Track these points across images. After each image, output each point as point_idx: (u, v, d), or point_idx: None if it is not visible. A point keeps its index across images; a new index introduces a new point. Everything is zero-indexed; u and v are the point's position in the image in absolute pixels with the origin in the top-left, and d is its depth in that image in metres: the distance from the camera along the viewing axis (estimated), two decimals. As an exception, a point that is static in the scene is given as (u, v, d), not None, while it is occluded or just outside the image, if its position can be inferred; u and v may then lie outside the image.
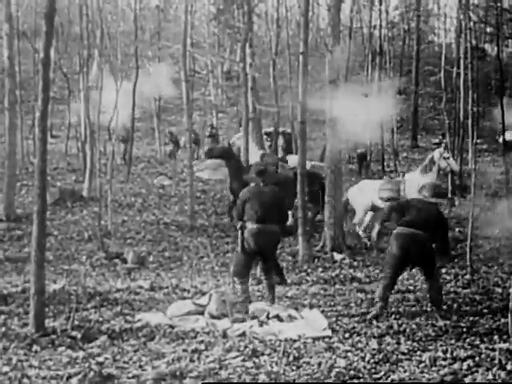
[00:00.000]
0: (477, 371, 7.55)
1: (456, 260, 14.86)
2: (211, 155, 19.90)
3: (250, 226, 10.54)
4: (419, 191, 10.97)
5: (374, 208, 16.72)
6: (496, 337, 8.92)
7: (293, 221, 16.48)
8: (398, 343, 8.72)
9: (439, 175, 17.14)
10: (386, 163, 30.01)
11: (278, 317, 9.99)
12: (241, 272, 10.61)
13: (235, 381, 7.36)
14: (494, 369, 7.57)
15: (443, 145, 18.59)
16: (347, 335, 9.15)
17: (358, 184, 18.03)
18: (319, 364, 7.81)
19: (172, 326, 9.62)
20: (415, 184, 15.87)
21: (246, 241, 10.55)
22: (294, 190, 15.94)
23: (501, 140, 25.50)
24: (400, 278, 11.90)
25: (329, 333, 9.22)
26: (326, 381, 7.34)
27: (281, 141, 27.81)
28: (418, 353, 8.28)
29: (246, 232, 10.57)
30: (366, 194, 16.79)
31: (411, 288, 12.30)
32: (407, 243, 10.20)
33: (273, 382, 7.30)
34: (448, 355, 8.12)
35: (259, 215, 10.52)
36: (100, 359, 8.02)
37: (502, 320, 9.69)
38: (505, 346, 8.36)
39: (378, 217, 15.87)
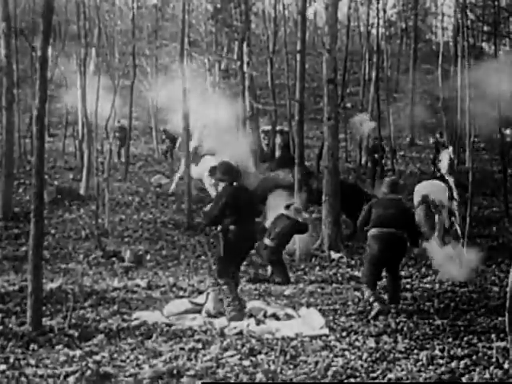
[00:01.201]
0: (474, 370, 7.56)
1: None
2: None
3: (233, 227, 10.15)
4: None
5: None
6: (493, 335, 8.93)
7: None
8: (396, 342, 8.73)
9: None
10: (383, 161, 29.99)
11: (275, 315, 10.00)
12: (225, 272, 10.38)
13: (232, 379, 7.37)
14: (491, 367, 7.58)
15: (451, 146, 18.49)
16: (344, 334, 9.16)
17: (421, 184, 17.30)
18: (316, 363, 7.81)
19: (169, 325, 9.63)
20: None
21: (228, 242, 10.15)
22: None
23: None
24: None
25: (326, 331, 9.23)
26: (323, 380, 7.34)
27: (278, 139, 27.80)
28: (416, 351, 8.30)
29: (229, 233, 10.12)
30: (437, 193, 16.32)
31: (408, 287, 12.31)
32: (386, 243, 10.30)
33: (270, 380, 7.30)
34: (445, 354, 8.13)
35: (239, 216, 10.14)
36: (97, 358, 8.01)
37: (499, 318, 9.70)
38: (502, 344, 8.37)
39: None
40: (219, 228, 10.25)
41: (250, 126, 24.38)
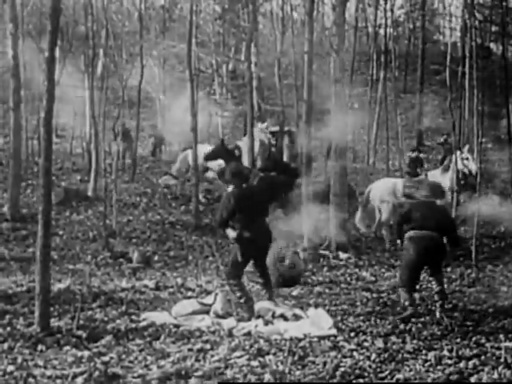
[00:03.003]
0: (482, 370, 7.55)
1: (461, 259, 14.84)
2: (209, 158, 19.86)
3: (246, 233, 10.09)
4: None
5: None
6: (501, 335, 8.92)
7: None
8: (404, 342, 8.72)
9: (458, 175, 17.20)
10: (390, 162, 29.96)
11: (283, 316, 9.99)
12: (233, 274, 10.37)
13: (240, 380, 7.36)
14: (500, 368, 7.56)
15: (467, 146, 18.65)
16: (353, 334, 9.15)
17: (380, 181, 18.16)
18: (325, 363, 7.80)
19: (177, 326, 9.63)
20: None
21: (241, 246, 10.15)
22: None
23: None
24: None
25: (334, 332, 9.22)
26: (331, 380, 7.34)
27: (286, 140, 27.78)
28: (424, 352, 8.28)
29: (243, 240, 10.10)
30: (387, 192, 16.94)
31: (417, 287, 12.27)
32: (425, 246, 10.16)
33: (278, 381, 7.30)
34: (453, 354, 8.12)
35: (250, 219, 10.12)
36: (105, 359, 8.02)
37: (508, 319, 9.69)
38: (510, 344, 8.36)
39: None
40: (233, 235, 10.18)
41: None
